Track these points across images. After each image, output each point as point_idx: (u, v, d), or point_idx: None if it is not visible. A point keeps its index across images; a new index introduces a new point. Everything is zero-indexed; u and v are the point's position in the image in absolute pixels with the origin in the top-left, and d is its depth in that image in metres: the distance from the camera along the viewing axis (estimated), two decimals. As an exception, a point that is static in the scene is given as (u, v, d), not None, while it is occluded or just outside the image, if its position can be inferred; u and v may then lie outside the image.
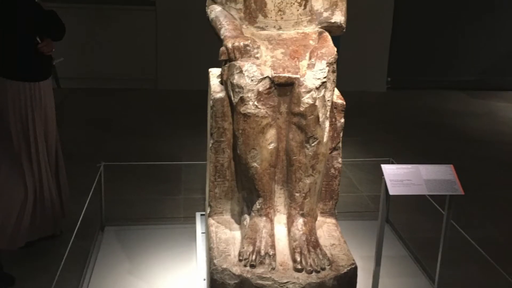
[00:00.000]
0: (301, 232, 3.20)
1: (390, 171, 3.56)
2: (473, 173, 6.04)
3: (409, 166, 3.61)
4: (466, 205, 5.18)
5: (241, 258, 3.09)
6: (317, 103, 3.15)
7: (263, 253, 3.08)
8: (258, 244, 3.12)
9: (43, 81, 4.18)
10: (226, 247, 3.22)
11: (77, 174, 5.25)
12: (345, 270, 3.09)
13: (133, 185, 5.47)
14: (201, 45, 8.06)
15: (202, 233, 4.21)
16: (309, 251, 3.11)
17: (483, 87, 9.59)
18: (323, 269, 3.07)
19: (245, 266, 3.05)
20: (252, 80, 3.14)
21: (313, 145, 3.20)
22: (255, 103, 3.14)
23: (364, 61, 9.09)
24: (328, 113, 3.25)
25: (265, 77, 3.15)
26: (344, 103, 3.45)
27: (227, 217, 3.50)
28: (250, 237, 3.17)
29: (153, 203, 5.15)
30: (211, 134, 3.39)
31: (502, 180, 6.10)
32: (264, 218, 3.23)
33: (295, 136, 3.21)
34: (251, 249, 3.10)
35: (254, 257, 3.07)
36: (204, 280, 3.69)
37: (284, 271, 3.04)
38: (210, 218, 3.50)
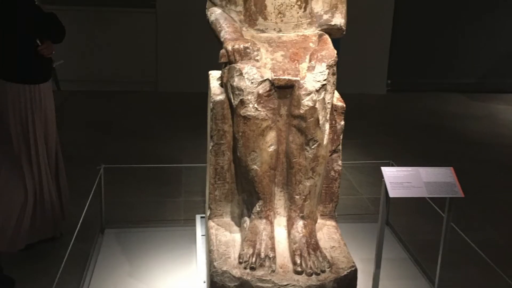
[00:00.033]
0: (301, 235, 3.20)
1: (390, 173, 3.56)
2: (473, 175, 6.04)
3: (409, 168, 3.61)
4: (466, 207, 5.17)
5: (241, 260, 3.09)
6: (317, 105, 3.15)
7: (263, 255, 3.08)
8: (258, 246, 3.12)
9: (43, 83, 4.18)
10: (226, 249, 3.22)
11: (77, 176, 5.24)
12: (345, 273, 3.09)
13: (133, 187, 5.46)
14: (201, 48, 8.06)
15: (202, 235, 4.21)
16: (309, 253, 3.11)
17: (483, 89, 9.60)
18: (323, 271, 3.07)
19: (245, 268, 3.05)
20: (252, 82, 3.14)
21: (313, 147, 3.20)
22: (255, 105, 3.14)
23: (364, 64, 9.09)
24: (328, 115, 3.25)
25: (265, 80, 3.15)
26: (344, 105, 3.46)
27: (227, 219, 3.50)
28: (250, 239, 3.17)
29: (153, 206, 5.15)
30: (211, 137, 3.40)
31: (502, 182, 6.10)
32: (264, 221, 3.23)
33: (295, 138, 3.21)
34: (251, 251, 3.10)
35: (254, 259, 3.06)
36: (204, 282, 3.69)
37: (284, 274, 3.04)
38: (210, 221, 3.49)
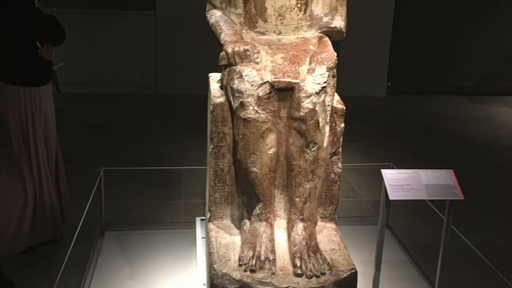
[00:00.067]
0: (301, 237, 3.19)
1: (390, 176, 3.56)
2: (473, 178, 6.04)
3: (409, 171, 3.61)
4: (466, 210, 5.17)
5: (241, 263, 3.09)
6: (317, 108, 3.15)
7: (263, 258, 3.07)
8: (258, 249, 3.12)
9: (43, 86, 4.18)
10: (226, 252, 3.22)
11: (77, 179, 5.24)
12: (345, 275, 3.09)
13: (133, 190, 5.46)
14: (201, 50, 8.05)
15: (202, 238, 4.21)
16: (309, 256, 3.11)
17: (483, 92, 9.60)
18: (323, 274, 3.06)
19: (245, 271, 3.04)
20: (252, 85, 3.14)
21: (313, 150, 3.19)
22: (255, 108, 3.14)
23: (364, 66, 9.09)
24: (328, 118, 3.25)
25: (265, 82, 3.15)
26: (344, 108, 3.46)
27: (227, 222, 3.50)
28: (250, 242, 3.17)
29: (153, 208, 5.14)
30: (211, 139, 3.39)
31: (502, 185, 6.10)
32: (264, 223, 3.22)
33: (295, 141, 3.21)
34: (251, 254, 3.10)
35: (254, 262, 3.06)
36: (204, 285, 3.69)
37: (284, 276, 3.04)
38: (210, 223, 3.49)
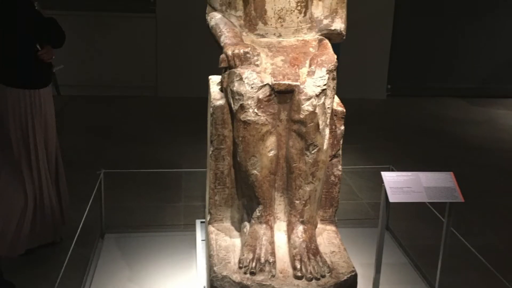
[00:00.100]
0: (301, 240, 3.19)
1: (390, 178, 3.56)
2: (473, 180, 6.03)
3: (409, 173, 3.61)
4: (466, 212, 5.17)
5: (241, 265, 3.08)
6: (317, 110, 3.15)
7: (263, 260, 3.07)
8: (258, 251, 3.12)
9: (43, 88, 4.19)
10: (226, 254, 3.22)
11: (77, 181, 5.24)
12: (345, 278, 3.09)
13: (133, 192, 5.46)
14: (201, 52, 8.06)
15: (202, 240, 4.21)
16: (309, 258, 3.11)
17: (483, 94, 9.59)
18: (323, 276, 3.06)
19: (245, 273, 3.04)
20: (252, 87, 3.14)
21: (313, 152, 3.19)
22: (255, 110, 3.14)
23: (364, 68, 9.09)
24: (328, 120, 3.25)
25: (265, 85, 3.15)
26: (344, 110, 3.46)
27: (227, 224, 3.50)
28: (250, 244, 3.17)
29: (153, 211, 5.14)
30: (211, 142, 3.39)
31: (502, 187, 6.10)
32: (264, 226, 3.22)
33: (295, 143, 3.21)
34: (251, 256, 3.10)
35: (254, 264, 3.06)
36: (204, 287, 3.69)
37: (284, 279, 3.04)
38: (210, 226, 3.49)
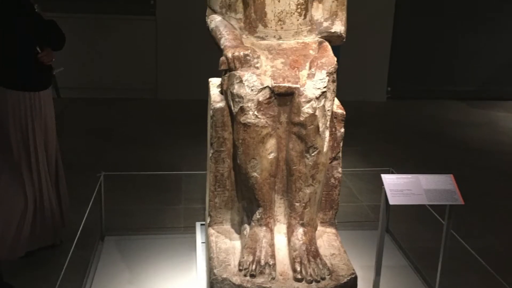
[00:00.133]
0: (301, 242, 3.19)
1: (390, 181, 3.55)
2: (473, 182, 6.03)
3: (409, 176, 3.61)
4: (466, 215, 5.17)
5: (241, 267, 3.09)
6: (317, 113, 3.16)
7: (263, 262, 3.07)
8: (258, 254, 3.12)
9: (43, 90, 4.19)
10: (226, 256, 3.22)
11: (77, 184, 5.24)
12: (345, 280, 3.09)
13: (133, 194, 5.46)
14: (201, 55, 8.06)
15: (202, 243, 4.20)
16: (309, 260, 3.11)
17: (483, 97, 9.61)
18: (323, 278, 3.06)
19: (245, 275, 3.05)
20: (252, 90, 3.14)
21: (313, 155, 3.20)
22: (255, 112, 3.14)
23: (364, 71, 9.10)
24: (328, 123, 3.25)
25: (265, 87, 3.16)
26: (344, 112, 3.46)
27: (227, 227, 3.50)
28: (250, 246, 3.17)
29: (153, 213, 5.14)
30: (211, 144, 3.40)
31: (502, 189, 6.10)
32: (264, 228, 3.22)
33: (295, 146, 3.21)
34: (251, 258, 3.10)
35: (254, 266, 3.06)
36: (204, 290, 3.69)
37: (284, 281, 3.04)
38: (210, 228, 3.49)
